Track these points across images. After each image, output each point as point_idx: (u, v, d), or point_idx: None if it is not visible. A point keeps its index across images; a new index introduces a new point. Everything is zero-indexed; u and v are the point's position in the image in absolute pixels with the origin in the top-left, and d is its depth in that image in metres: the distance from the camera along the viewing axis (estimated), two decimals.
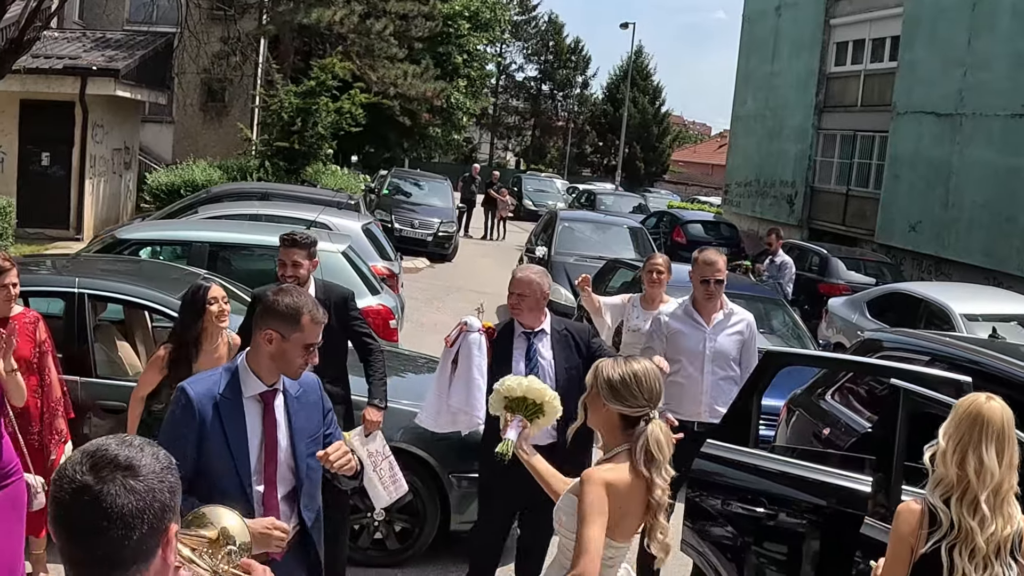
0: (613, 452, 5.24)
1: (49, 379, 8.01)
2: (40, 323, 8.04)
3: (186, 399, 5.09)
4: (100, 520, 2.57)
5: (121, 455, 2.64)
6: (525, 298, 7.90)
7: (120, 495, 2.57)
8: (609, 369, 5.28)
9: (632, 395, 5.19)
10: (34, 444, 7.92)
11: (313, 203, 18.98)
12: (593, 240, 23.27)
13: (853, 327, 18.40)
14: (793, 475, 7.19)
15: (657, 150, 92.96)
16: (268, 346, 5.17)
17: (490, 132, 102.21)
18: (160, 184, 28.37)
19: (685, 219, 35.09)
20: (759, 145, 43.81)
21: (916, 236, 31.05)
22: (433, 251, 31.79)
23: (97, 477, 2.59)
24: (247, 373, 5.22)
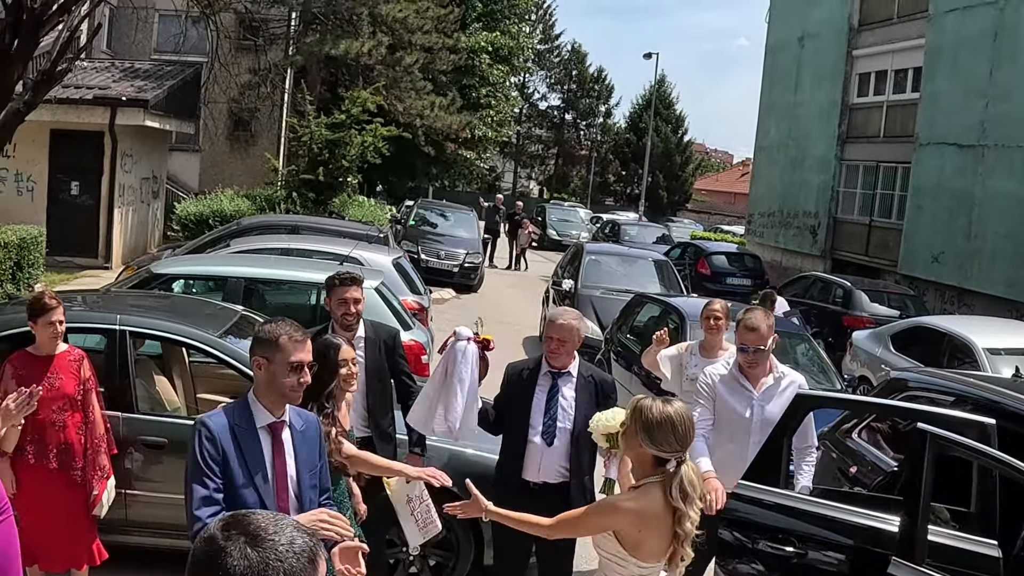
0: (644, 482, 5.58)
1: (93, 416, 8.16)
2: (84, 361, 8.21)
3: (209, 432, 5.39)
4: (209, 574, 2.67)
5: (254, 524, 2.74)
6: (565, 343, 7.94)
7: (235, 557, 2.66)
8: (647, 411, 5.54)
9: (667, 440, 5.49)
10: (76, 480, 8.07)
11: (343, 236, 19.12)
12: (619, 273, 23.28)
13: (877, 360, 18.48)
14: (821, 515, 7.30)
15: (680, 179, 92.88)
16: (260, 372, 5.56)
17: (514, 161, 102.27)
18: (189, 214, 28.58)
19: (709, 251, 35.17)
20: (782, 175, 43.82)
21: (939, 267, 31.06)
22: (459, 282, 31.96)
23: (225, 535, 2.71)
24: (256, 405, 5.56)
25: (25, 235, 20.98)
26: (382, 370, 8.58)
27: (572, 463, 7.73)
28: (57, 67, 19.93)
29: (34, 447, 7.79)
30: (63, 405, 7.99)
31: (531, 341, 22.45)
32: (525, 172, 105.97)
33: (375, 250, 17.45)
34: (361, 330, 8.56)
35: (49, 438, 7.92)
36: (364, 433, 8.49)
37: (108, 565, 8.50)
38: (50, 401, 7.89)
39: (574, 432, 7.62)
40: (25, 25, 17.77)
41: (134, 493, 8.92)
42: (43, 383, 7.80)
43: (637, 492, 5.57)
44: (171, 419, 9.17)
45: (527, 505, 6.40)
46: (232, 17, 28.69)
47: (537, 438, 7.82)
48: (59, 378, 7.99)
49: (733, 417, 8.46)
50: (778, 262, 42.04)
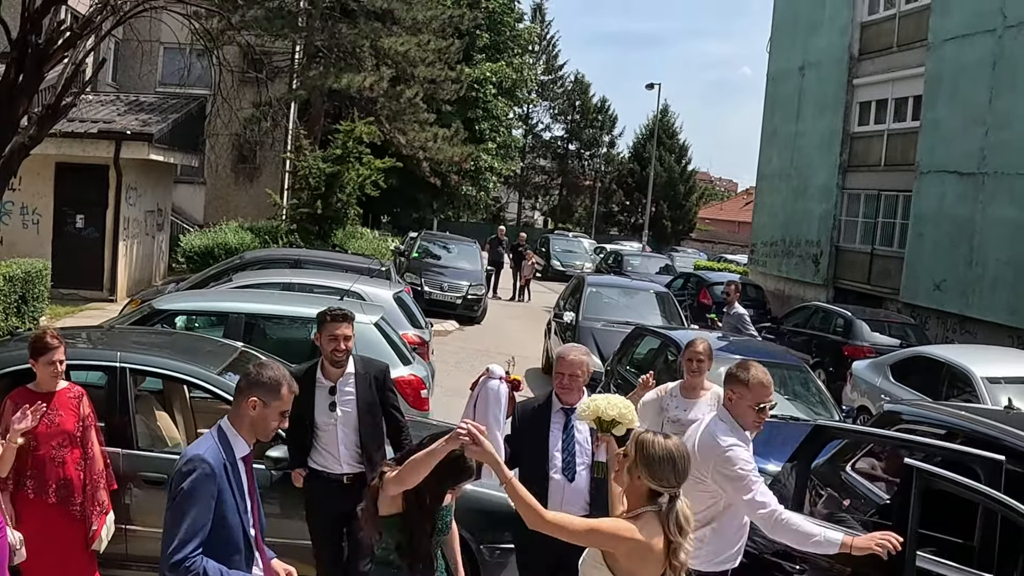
0: (642, 511, 5.66)
1: (92, 452, 8.28)
2: (84, 398, 8.34)
3: (209, 468, 5.65)
4: None
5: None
6: (577, 378, 8.07)
7: None
8: (649, 445, 5.65)
9: (666, 475, 5.61)
10: (75, 515, 8.16)
11: (345, 270, 19.22)
12: (620, 305, 23.34)
13: (877, 390, 18.53)
14: None
15: (684, 208, 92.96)
16: (252, 412, 5.88)
17: (518, 191, 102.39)
18: (194, 247, 28.71)
19: (711, 281, 35.07)
20: (784, 204, 43.87)
21: (941, 295, 31.08)
22: (462, 313, 32.02)
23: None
24: (235, 437, 5.91)
25: (30, 268, 21.07)
26: (373, 404, 8.70)
27: (592, 497, 7.82)
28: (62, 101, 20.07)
29: (34, 482, 7.90)
30: (63, 441, 8.09)
31: (534, 373, 22.48)
32: (529, 202, 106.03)
33: (376, 284, 17.52)
34: (351, 366, 8.70)
35: (49, 474, 8.02)
36: (357, 468, 8.61)
37: None
38: (50, 437, 8.03)
39: (593, 464, 7.73)
40: (30, 59, 17.94)
41: (135, 528, 9.02)
42: (43, 419, 7.94)
43: (640, 522, 5.62)
44: (171, 455, 9.22)
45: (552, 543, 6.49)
46: (236, 51, 28.81)
47: (558, 475, 7.91)
48: (59, 414, 8.10)
49: None
50: (781, 291, 42.09)
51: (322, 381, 8.63)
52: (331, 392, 8.62)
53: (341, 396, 8.62)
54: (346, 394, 8.63)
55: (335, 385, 8.62)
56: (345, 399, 8.63)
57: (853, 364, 20.71)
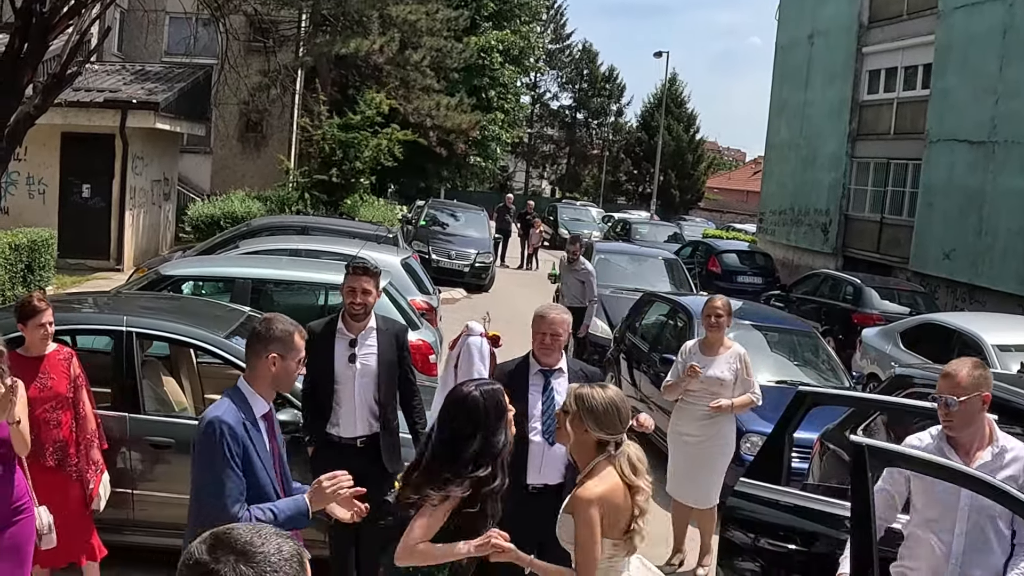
0: (592, 465, 5.78)
1: (84, 412, 8.23)
2: (74, 359, 8.29)
3: (232, 430, 5.59)
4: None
5: (241, 540, 2.66)
6: (559, 338, 7.91)
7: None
8: (590, 398, 5.77)
9: (612, 423, 5.75)
10: (72, 476, 8.14)
11: (352, 237, 19.16)
12: (629, 272, 23.28)
13: (887, 358, 18.46)
14: (824, 512, 7.32)
15: (692, 177, 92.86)
16: (273, 368, 5.83)
17: (525, 160, 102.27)
18: (201, 215, 28.64)
19: (720, 249, 35.15)
20: (793, 173, 43.74)
21: (950, 264, 30.97)
22: (470, 281, 32.06)
23: (213, 558, 2.62)
24: (253, 396, 5.85)
25: (36, 237, 21.04)
26: (392, 363, 8.58)
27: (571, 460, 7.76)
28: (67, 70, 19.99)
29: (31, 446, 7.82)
30: (56, 404, 8.05)
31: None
32: (537, 171, 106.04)
33: (383, 250, 17.46)
34: (373, 321, 8.57)
35: (45, 437, 7.97)
36: (372, 429, 8.51)
37: (114, 565, 8.56)
38: (43, 400, 7.98)
39: None
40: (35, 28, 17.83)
41: (141, 493, 8.96)
42: (35, 383, 7.89)
43: (597, 478, 5.73)
44: (178, 420, 9.20)
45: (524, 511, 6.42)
46: (242, 19, 28.72)
47: (538, 438, 7.78)
48: (51, 377, 8.05)
49: (936, 503, 6.34)
50: (790, 260, 42.00)
51: (343, 332, 8.49)
52: (351, 344, 8.46)
53: (361, 349, 8.47)
54: (367, 348, 8.49)
55: (356, 338, 8.47)
56: (365, 353, 8.48)
57: (863, 331, 20.64)
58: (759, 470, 7.71)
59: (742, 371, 10.47)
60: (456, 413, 5.94)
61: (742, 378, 10.47)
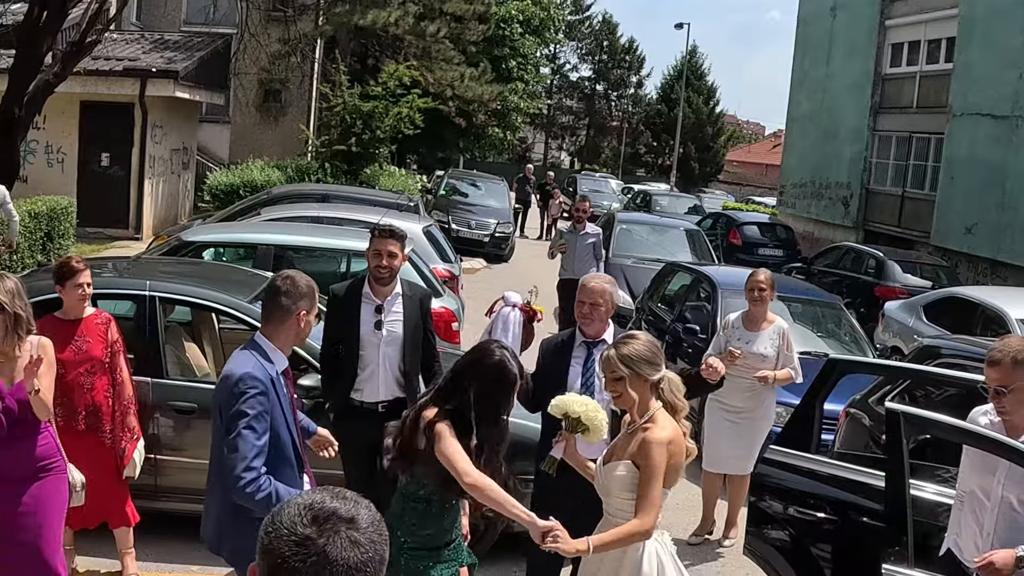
0: (652, 412, 5.88)
1: (121, 378, 8.20)
2: (112, 324, 8.24)
3: (262, 385, 5.66)
4: (324, 573, 2.52)
5: (342, 508, 2.60)
6: (598, 307, 7.65)
7: (346, 548, 2.53)
8: (634, 352, 5.88)
9: (659, 360, 5.92)
10: (106, 442, 8.10)
11: (373, 205, 19.07)
12: (650, 242, 23.23)
13: (910, 331, 18.35)
14: (853, 480, 7.24)
15: (711, 150, 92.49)
16: (301, 324, 5.91)
17: (544, 132, 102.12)
18: (220, 184, 28.58)
19: (741, 221, 34.95)
20: (814, 146, 43.53)
21: (972, 238, 30.79)
22: (490, 252, 32.02)
23: (320, 530, 2.55)
24: (275, 352, 5.87)
25: (55, 205, 21.02)
26: (417, 328, 8.49)
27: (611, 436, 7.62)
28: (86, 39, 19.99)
29: (62, 410, 7.75)
30: (91, 368, 8.01)
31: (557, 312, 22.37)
32: (556, 143, 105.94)
33: (405, 218, 17.36)
34: (399, 287, 8.47)
35: (77, 400, 7.94)
36: (396, 395, 8.43)
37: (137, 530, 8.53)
38: (78, 364, 7.94)
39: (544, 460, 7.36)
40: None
41: (164, 458, 8.92)
42: (70, 346, 7.84)
43: (659, 423, 5.83)
44: (201, 384, 9.15)
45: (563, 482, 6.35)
46: None
47: None
48: (87, 341, 8.01)
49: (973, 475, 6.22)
50: (810, 233, 41.82)
51: (370, 297, 8.38)
52: (377, 311, 8.35)
53: (388, 316, 8.37)
54: (393, 314, 8.39)
55: (382, 304, 8.36)
56: (392, 320, 8.38)
57: (885, 304, 20.53)
58: (789, 438, 7.64)
59: (782, 346, 10.38)
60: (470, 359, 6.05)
61: (782, 353, 10.37)
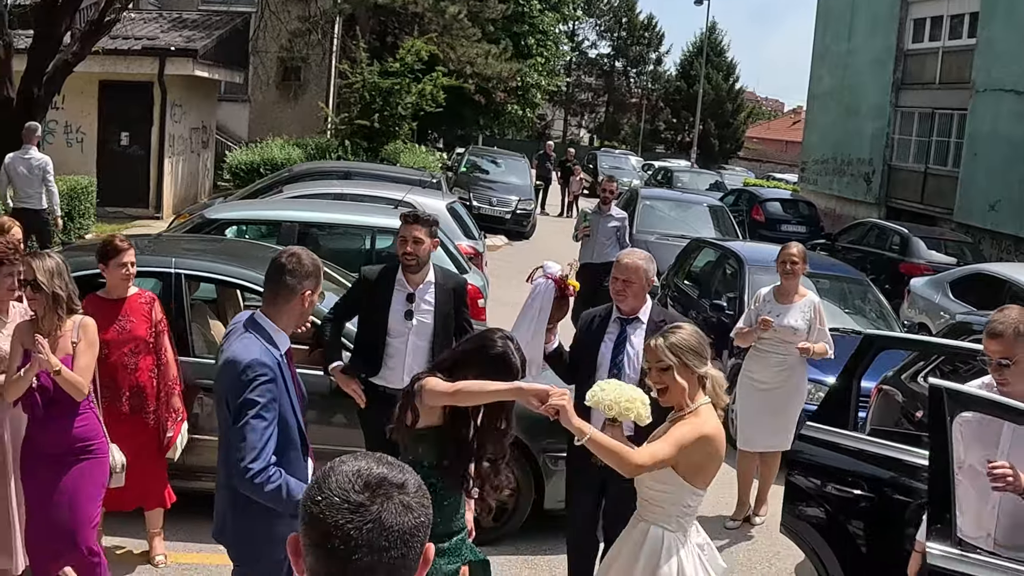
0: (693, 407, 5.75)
1: (165, 359, 8.15)
2: (155, 304, 8.19)
3: (271, 372, 5.43)
4: (381, 540, 2.49)
5: (390, 474, 2.58)
6: (631, 284, 7.56)
7: (400, 513, 2.51)
8: (683, 342, 5.76)
9: (706, 352, 5.82)
10: (149, 423, 8.05)
11: (396, 182, 18.99)
12: (674, 218, 23.16)
13: (936, 307, 18.25)
14: (890, 457, 7.16)
15: (731, 127, 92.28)
16: (306, 304, 5.72)
17: (564, 109, 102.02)
18: (240, 163, 28.54)
19: (764, 197, 34.83)
20: (836, 123, 43.40)
21: (995, 215, 30.64)
22: (511, 228, 32.00)
23: (373, 496, 2.52)
24: (278, 333, 5.64)
25: (75, 184, 20.99)
26: (448, 317, 8.32)
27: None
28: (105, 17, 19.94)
29: (106, 390, 7.67)
30: (135, 348, 7.95)
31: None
32: (575, 120, 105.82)
33: (429, 195, 17.31)
34: (431, 275, 8.32)
35: (121, 381, 7.88)
36: None
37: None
38: (121, 344, 7.88)
39: (641, 382, 7.31)
40: None
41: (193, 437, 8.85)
42: (114, 326, 7.79)
43: (702, 417, 5.69)
44: None
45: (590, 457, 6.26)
46: None
47: None
48: (130, 321, 7.94)
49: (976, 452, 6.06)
50: (832, 209, 41.68)
51: (403, 284, 8.22)
52: (409, 299, 8.19)
53: (419, 306, 8.21)
54: (425, 304, 8.22)
55: (414, 293, 8.20)
56: (423, 309, 8.21)
57: (911, 281, 20.42)
58: (826, 415, 7.54)
59: (815, 320, 10.26)
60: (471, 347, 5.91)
61: (815, 327, 10.26)
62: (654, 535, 5.76)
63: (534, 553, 9.28)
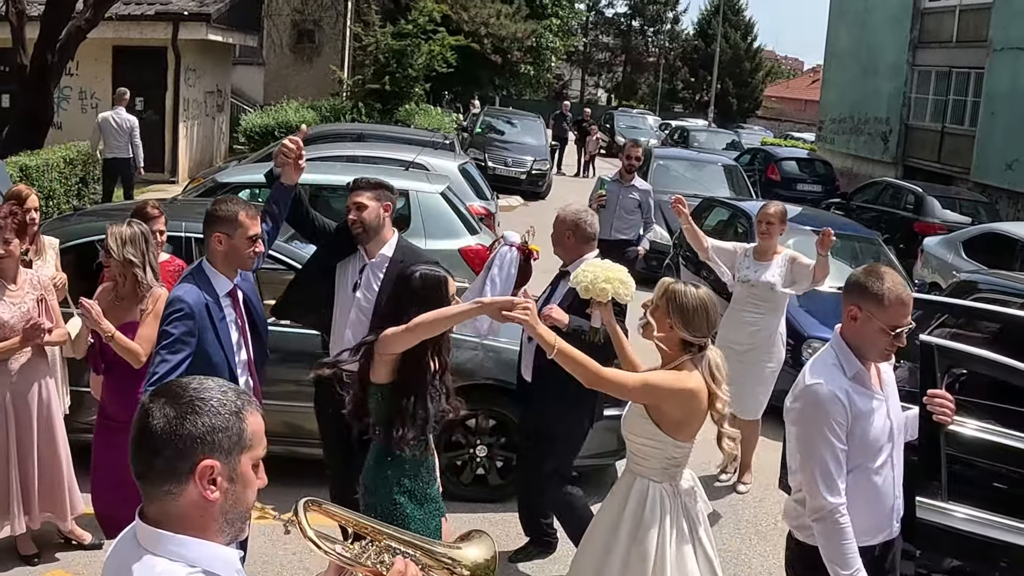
0: (677, 362, 5.73)
1: None
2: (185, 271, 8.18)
3: (188, 307, 5.89)
4: (138, 435, 2.77)
5: (175, 386, 2.84)
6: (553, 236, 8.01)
7: (156, 416, 2.73)
8: (682, 295, 5.69)
9: (700, 325, 5.68)
10: None
11: (409, 143, 19.03)
12: (688, 178, 23.17)
13: (949, 267, 18.24)
14: None
15: (749, 86, 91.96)
16: (220, 247, 6.16)
17: (581, 69, 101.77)
18: (254, 126, 28.58)
19: (779, 156, 34.71)
20: (853, 82, 43.16)
21: (1012, 174, 30.50)
22: (527, 189, 31.99)
23: (150, 398, 2.81)
24: (215, 275, 6.11)
25: (89, 150, 20.99)
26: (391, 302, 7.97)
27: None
28: None
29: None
30: None
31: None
32: (592, 80, 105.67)
33: (441, 156, 17.36)
34: (391, 250, 7.73)
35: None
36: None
37: None
38: None
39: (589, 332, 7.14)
40: None
41: None
42: None
43: (684, 373, 5.68)
44: None
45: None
46: None
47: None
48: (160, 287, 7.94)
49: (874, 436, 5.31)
50: (849, 168, 41.53)
51: (361, 254, 7.76)
52: (360, 271, 7.72)
53: (368, 280, 7.68)
54: (375, 280, 7.66)
55: (366, 265, 7.69)
56: (371, 285, 7.66)
57: (924, 240, 20.40)
58: None
59: (789, 269, 10.18)
60: (397, 290, 6.00)
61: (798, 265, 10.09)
62: (640, 487, 5.87)
63: None
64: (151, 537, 2.74)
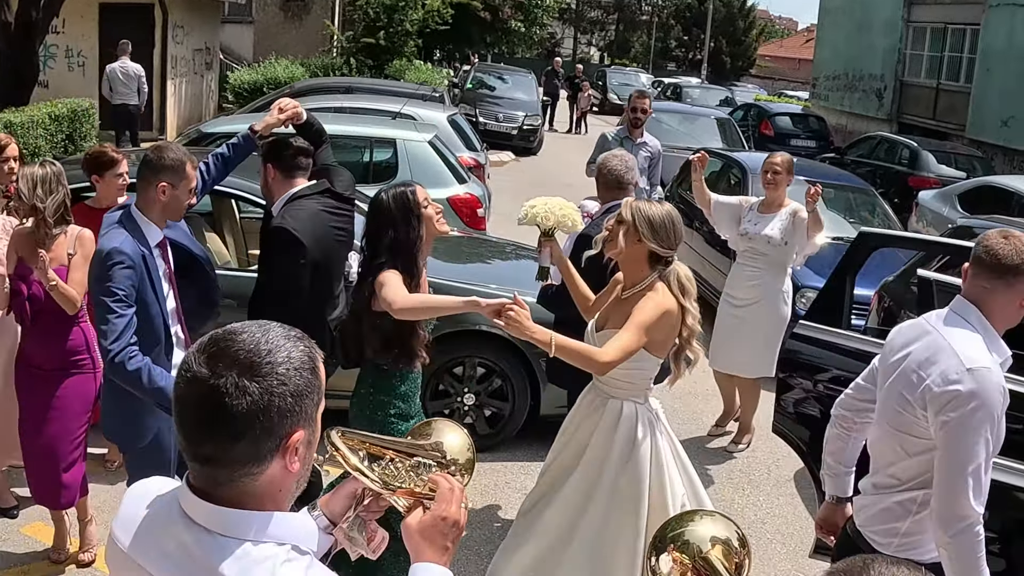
0: (644, 283, 5.77)
1: None
2: None
3: (128, 259, 5.59)
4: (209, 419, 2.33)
5: (241, 348, 2.37)
6: None
7: (232, 395, 2.30)
8: (648, 209, 5.73)
9: (667, 236, 5.71)
10: None
11: (397, 96, 18.89)
12: (680, 131, 23.10)
13: (944, 220, 18.10)
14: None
15: (743, 44, 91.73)
16: (163, 197, 5.81)
17: (573, 27, 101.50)
18: (242, 82, 28.41)
19: (773, 112, 34.53)
20: (847, 38, 43.05)
21: (1008, 131, 30.40)
22: (518, 144, 31.88)
23: (211, 370, 2.33)
24: (147, 224, 5.82)
25: (76, 107, 20.79)
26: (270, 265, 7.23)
27: None
28: None
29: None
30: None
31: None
32: (585, 38, 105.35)
33: (429, 107, 17.26)
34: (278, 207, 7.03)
35: None
36: None
37: None
38: None
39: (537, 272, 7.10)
40: None
41: None
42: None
43: (659, 294, 5.70)
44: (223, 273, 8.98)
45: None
46: None
47: None
48: None
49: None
50: (843, 126, 41.43)
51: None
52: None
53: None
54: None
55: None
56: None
57: (919, 194, 20.27)
58: (819, 311, 7.39)
59: (791, 223, 9.93)
60: (370, 215, 6.03)
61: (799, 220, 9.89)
62: (628, 412, 5.85)
63: (531, 460, 9.15)
64: (227, 520, 2.39)
